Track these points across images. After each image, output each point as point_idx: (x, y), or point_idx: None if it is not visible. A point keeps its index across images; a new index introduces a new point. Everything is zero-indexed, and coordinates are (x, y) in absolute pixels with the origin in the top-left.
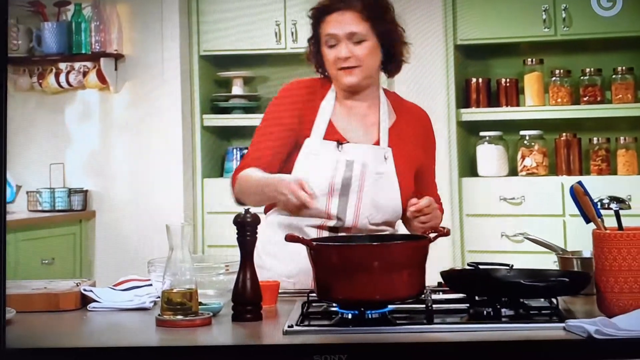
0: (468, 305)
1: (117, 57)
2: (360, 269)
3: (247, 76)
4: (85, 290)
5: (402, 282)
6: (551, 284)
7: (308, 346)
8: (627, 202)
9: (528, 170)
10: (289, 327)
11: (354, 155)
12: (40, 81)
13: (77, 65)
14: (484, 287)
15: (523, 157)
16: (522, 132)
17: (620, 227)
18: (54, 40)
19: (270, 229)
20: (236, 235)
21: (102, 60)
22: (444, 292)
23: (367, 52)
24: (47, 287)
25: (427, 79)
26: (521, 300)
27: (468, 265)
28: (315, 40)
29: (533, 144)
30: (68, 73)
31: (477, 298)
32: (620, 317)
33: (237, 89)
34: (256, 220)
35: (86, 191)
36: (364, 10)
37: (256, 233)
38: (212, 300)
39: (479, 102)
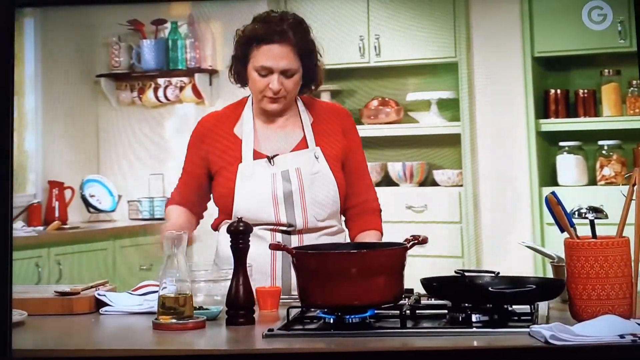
0: (446, 311)
1: (212, 73)
2: (338, 275)
3: (334, 90)
4: (99, 294)
5: (378, 288)
6: (519, 291)
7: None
8: (604, 212)
9: (607, 179)
10: (268, 331)
11: (286, 164)
12: (141, 96)
13: (174, 80)
14: (456, 294)
15: (602, 167)
16: (600, 142)
17: (594, 236)
18: (152, 57)
19: (225, 239)
20: (229, 244)
21: (196, 75)
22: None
23: (295, 84)
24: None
25: (506, 90)
26: (505, 306)
27: (455, 272)
28: (242, 59)
29: (611, 153)
30: (166, 88)
31: (466, 305)
32: (579, 324)
33: None
34: (248, 228)
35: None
36: (297, 46)
37: (248, 241)
38: (219, 305)
39: (558, 113)
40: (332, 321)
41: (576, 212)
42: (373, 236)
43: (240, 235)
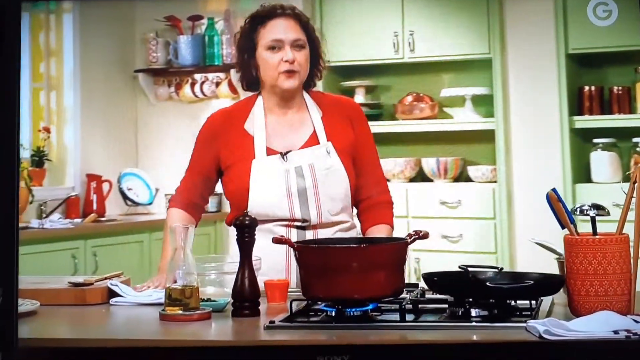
0: (447, 305)
1: None
2: (339, 269)
3: (369, 85)
4: (111, 284)
5: (379, 282)
6: (516, 286)
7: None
8: (606, 210)
9: None
10: (270, 323)
11: (299, 160)
12: (178, 91)
13: (210, 76)
14: (456, 289)
15: (636, 164)
16: (634, 139)
17: (594, 232)
18: (189, 53)
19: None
20: (236, 237)
21: (232, 71)
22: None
23: (305, 59)
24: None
25: (540, 87)
26: (508, 301)
27: (459, 267)
28: (249, 47)
29: None
30: (202, 83)
31: (470, 300)
32: (575, 320)
33: (359, 97)
34: (254, 222)
35: (220, 194)
36: (300, 21)
37: (254, 234)
38: (227, 297)
39: (592, 110)
40: (333, 314)
41: (578, 209)
42: (383, 230)
43: (246, 229)
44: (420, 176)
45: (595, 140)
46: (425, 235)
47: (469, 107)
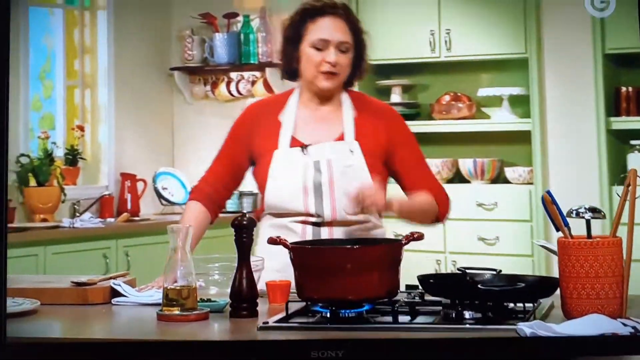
0: (441, 307)
1: None
2: (332, 270)
3: (405, 84)
4: (114, 284)
5: (372, 283)
6: (506, 289)
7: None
8: (602, 213)
9: None
10: (263, 323)
11: (318, 155)
12: (214, 89)
13: (246, 74)
14: (449, 291)
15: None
16: None
17: (589, 235)
18: (225, 51)
19: (262, 230)
20: (234, 237)
21: (268, 70)
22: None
23: (348, 63)
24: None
25: (577, 87)
26: (505, 304)
27: (457, 269)
28: (295, 38)
29: None
30: (238, 82)
31: (462, 302)
32: (564, 323)
33: (395, 96)
34: (252, 223)
35: (256, 194)
36: (349, 23)
37: (252, 235)
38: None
39: (629, 111)
40: (328, 315)
41: (574, 212)
42: (422, 194)
43: (244, 229)
44: (458, 177)
45: (633, 142)
46: (420, 237)
47: (505, 107)
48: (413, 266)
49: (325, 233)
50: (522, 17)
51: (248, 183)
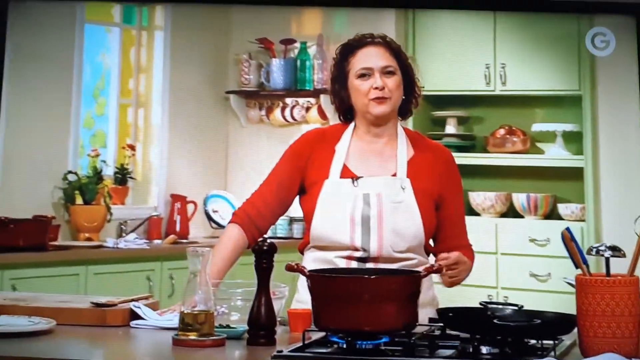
0: (458, 342)
1: None
2: (349, 299)
3: (461, 116)
4: (134, 306)
5: (390, 315)
6: (520, 325)
7: None
8: (622, 251)
9: None
10: (277, 352)
11: (369, 188)
12: (268, 114)
13: (301, 100)
14: (468, 326)
15: None
16: None
17: (608, 274)
18: (281, 76)
19: (306, 264)
20: (254, 263)
21: (322, 96)
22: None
23: (396, 85)
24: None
25: (630, 125)
26: (526, 340)
27: (479, 304)
28: (341, 76)
29: None
30: (293, 108)
31: (481, 337)
32: None
33: (450, 128)
34: (272, 248)
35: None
36: (390, 48)
37: (272, 261)
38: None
39: None
40: (344, 346)
41: (594, 250)
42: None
43: (264, 255)
44: (512, 212)
45: None
46: (439, 270)
47: (559, 143)
48: (466, 301)
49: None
50: (576, 54)
51: (299, 209)
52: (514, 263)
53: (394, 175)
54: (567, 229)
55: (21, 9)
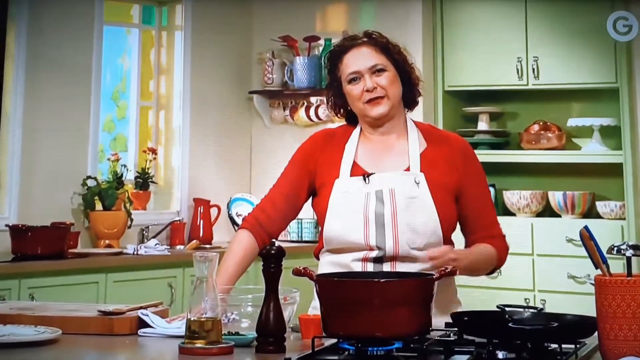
0: (474, 347)
1: None
2: (359, 304)
3: (493, 112)
4: (142, 314)
5: (402, 319)
6: (535, 328)
7: None
8: None
9: None
10: (285, 359)
11: (381, 184)
12: (293, 114)
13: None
14: (481, 330)
15: None
16: None
17: (629, 274)
18: (305, 75)
19: (321, 268)
20: (262, 268)
21: None
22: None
23: (390, 81)
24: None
25: None
26: (546, 345)
27: (497, 307)
28: (334, 84)
29: None
30: (317, 107)
31: (498, 341)
32: None
33: (482, 124)
34: (281, 252)
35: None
36: (377, 45)
37: (280, 265)
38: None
39: None
40: (354, 352)
41: (615, 249)
42: (482, 247)
43: (272, 259)
44: (549, 211)
45: None
46: (453, 272)
47: (597, 138)
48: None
49: (387, 269)
50: (612, 44)
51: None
52: (551, 264)
53: (407, 170)
54: (586, 227)
55: (38, 13)
